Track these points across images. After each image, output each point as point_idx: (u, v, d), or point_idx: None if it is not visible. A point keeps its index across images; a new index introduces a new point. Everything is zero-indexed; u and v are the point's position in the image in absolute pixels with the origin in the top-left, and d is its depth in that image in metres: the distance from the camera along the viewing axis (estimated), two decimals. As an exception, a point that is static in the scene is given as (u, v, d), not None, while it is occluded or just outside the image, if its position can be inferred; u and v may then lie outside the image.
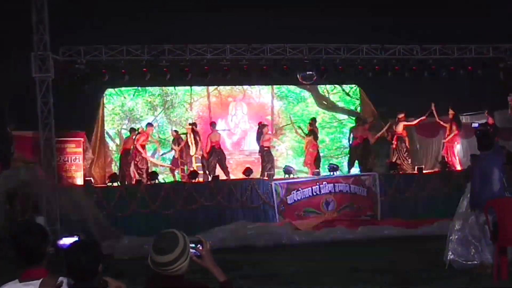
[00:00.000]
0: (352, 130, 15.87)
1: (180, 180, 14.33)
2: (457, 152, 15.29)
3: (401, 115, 15.30)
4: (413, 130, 16.31)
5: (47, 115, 12.02)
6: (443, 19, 15.47)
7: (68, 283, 2.98)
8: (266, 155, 14.49)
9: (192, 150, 14.72)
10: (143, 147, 14.43)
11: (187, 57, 13.64)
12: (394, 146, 15.34)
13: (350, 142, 15.74)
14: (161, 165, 15.66)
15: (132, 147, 14.34)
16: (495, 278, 6.97)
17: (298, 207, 13.32)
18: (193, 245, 3.00)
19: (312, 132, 15.26)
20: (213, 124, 15.07)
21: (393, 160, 15.08)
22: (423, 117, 15.28)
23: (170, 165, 15.14)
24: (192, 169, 14.29)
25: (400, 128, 15.24)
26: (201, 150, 14.62)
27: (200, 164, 14.71)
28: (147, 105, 16.61)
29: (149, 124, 14.93)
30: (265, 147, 14.57)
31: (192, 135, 14.71)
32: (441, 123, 15.24)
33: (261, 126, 15.00)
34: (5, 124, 13.24)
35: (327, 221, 13.01)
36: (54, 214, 11.67)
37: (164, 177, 15.53)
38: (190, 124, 15.05)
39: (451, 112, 14.95)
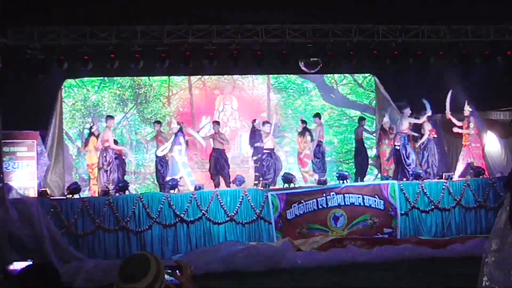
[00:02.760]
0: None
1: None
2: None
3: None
4: (441, 129, 16.33)
5: (-8, 111, 12.02)
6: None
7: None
8: (265, 159, 14.57)
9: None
10: (116, 143, 14.37)
11: (164, 40, 13.66)
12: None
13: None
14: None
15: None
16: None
17: (301, 223, 13.33)
18: (170, 271, 3.01)
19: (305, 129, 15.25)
20: (216, 123, 14.96)
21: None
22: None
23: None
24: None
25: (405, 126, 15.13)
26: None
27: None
28: (116, 99, 16.60)
29: (109, 117, 14.70)
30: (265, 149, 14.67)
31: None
32: (453, 120, 15.11)
33: (264, 123, 15.05)
34: None
35: (335, 240, 13.04)
36: (2, 233, 11.64)
37: (136, 187, 15.53)
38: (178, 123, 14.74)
39: (467, 108, 14.96)
